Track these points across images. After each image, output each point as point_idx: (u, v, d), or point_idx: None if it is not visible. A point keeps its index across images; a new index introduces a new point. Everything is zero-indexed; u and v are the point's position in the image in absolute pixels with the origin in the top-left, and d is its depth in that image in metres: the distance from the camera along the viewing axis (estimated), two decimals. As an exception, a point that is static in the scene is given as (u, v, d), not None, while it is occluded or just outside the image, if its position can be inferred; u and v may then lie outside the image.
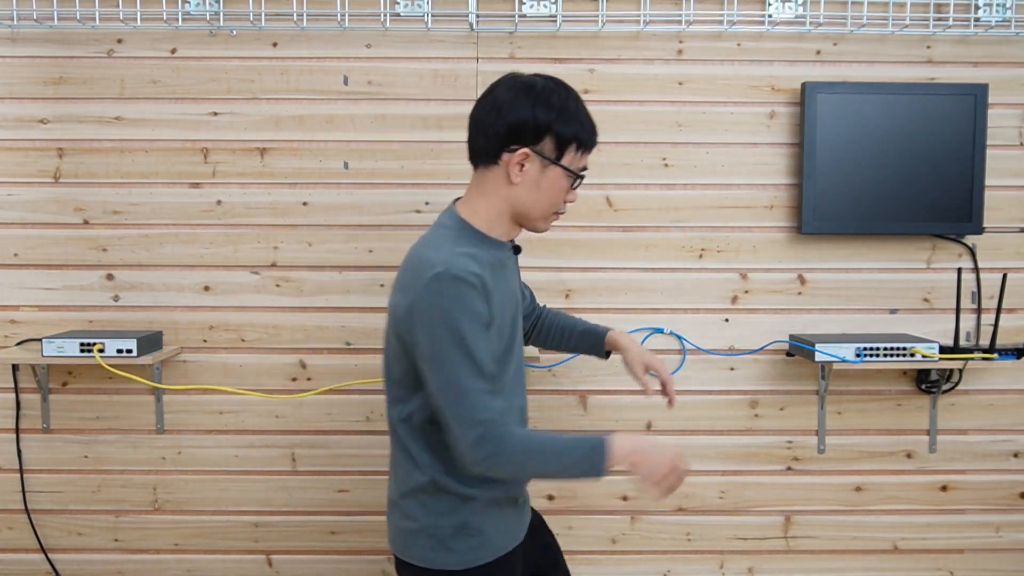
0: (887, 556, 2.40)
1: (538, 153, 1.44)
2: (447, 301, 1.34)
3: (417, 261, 1.40)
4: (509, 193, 1.47)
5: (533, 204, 1.48)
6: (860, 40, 2.29)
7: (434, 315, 1.34)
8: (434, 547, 1.47)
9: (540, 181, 1.46)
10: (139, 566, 2.38)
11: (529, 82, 1.46)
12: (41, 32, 2.27)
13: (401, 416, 1.48)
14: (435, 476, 1.46)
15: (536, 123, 1.43)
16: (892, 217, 2.25)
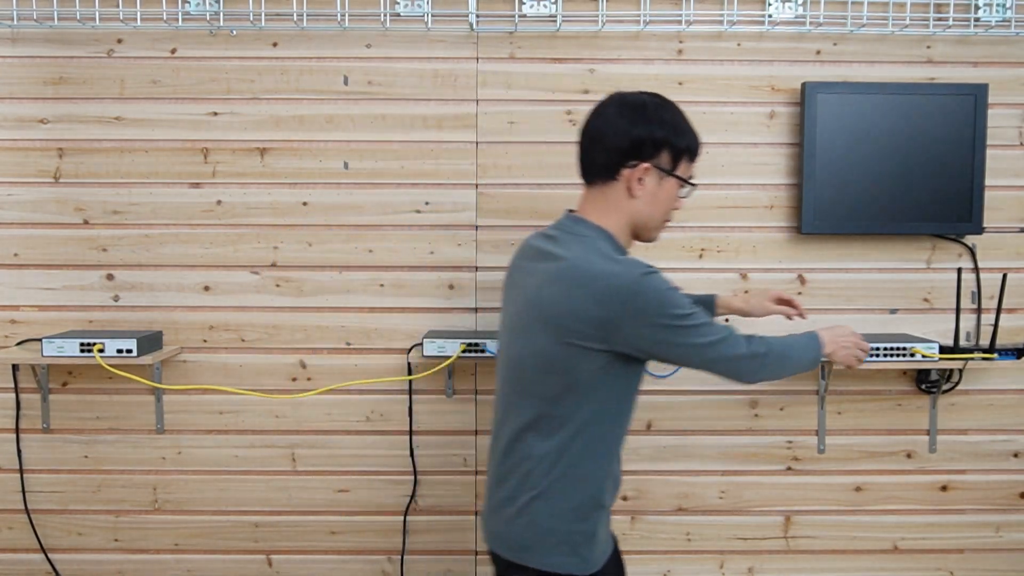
0: (887, 556, 2.40)
1: (656, 166, 1.54)
2: (660, 293, 1.46)
3: (601, 276, 1.46)
4: (630, 206, 1.56)
5: (651, 215, 1.58)
6: (860, 40, 2.29)
7: (657, 311, 1.45)
8: (565, 552, 1.52)
9: (658, 193, 1.56)
10: (139, 566, 2.39)
11: (640, 101, 1.56)
12: (41, 32, 2.27)
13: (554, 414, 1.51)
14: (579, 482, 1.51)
15: (654, 139, 1.53)
16: (892, 217, 2.25)
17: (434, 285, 2.32)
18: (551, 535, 1.51)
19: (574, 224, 1.57)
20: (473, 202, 2.31)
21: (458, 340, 2.14)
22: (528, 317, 1.52)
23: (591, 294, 1.45)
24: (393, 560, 2.38)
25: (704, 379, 2.34)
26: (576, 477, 1.52)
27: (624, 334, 1.46)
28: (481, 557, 2.39)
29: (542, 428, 1.52)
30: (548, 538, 1.51)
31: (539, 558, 1.52)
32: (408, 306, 2.32)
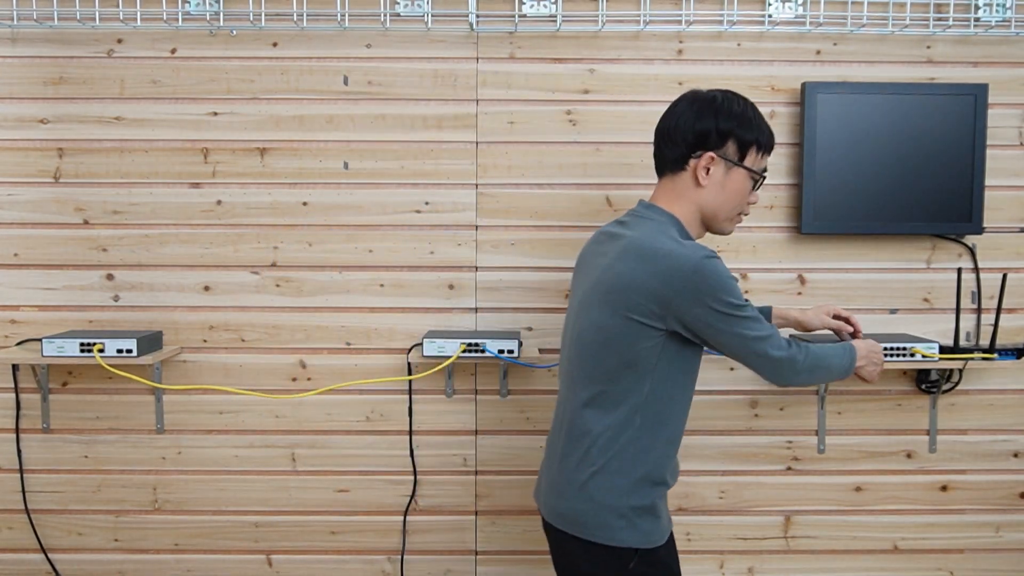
0: (887, 556, 2.40)
1: (722, 156, 1.61)
2: (720, 278, 1.51)
3: (667, 254, 1.52)
4: (697, 196, 1.63)
5: (720, 205, 1.64)
6: (860, 40, 2.29)
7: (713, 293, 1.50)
8: (623, 527, 1.57)
9: (725, 183, 1.62)
10: (139, 566, 2.39)
11: (710, 96, 1.63)
12: (41, 32, 2.27)
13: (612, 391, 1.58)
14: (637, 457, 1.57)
15: (719, 130, 1.60)
16: (892, 217, 2.25)
17: (434, 285, 2.32)
18: (611, 510, 1.57)
19: (645, 209, 1.65)
20: (473, 202, 2.31)
21: (458, 340, 2.14)
22: (594, 295, 1.60)
23: (653, 270, 1.52)
24: (393, 560, 2.38)
25: (704, 379, 2.34)
26: (635, 454, 1.58)
27: (679, 313, 1.52)
28: (481, 557, 2.39)
29: (601, 404, 1.58)
30: (608, 513, 1.57)
31: (600, 532, 1.58)
32: (408, 306, 2.32)
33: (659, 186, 1.68)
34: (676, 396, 1.60)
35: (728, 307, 1.52)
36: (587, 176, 2.30)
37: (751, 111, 1.63)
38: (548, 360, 2.32)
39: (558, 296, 2.32)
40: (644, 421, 1.57)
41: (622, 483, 1.57)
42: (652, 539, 1.59)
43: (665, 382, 1.58)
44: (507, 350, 2.14)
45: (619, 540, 1.57)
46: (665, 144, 1.65)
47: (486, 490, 2.37)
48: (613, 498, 1.57)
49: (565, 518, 1.62)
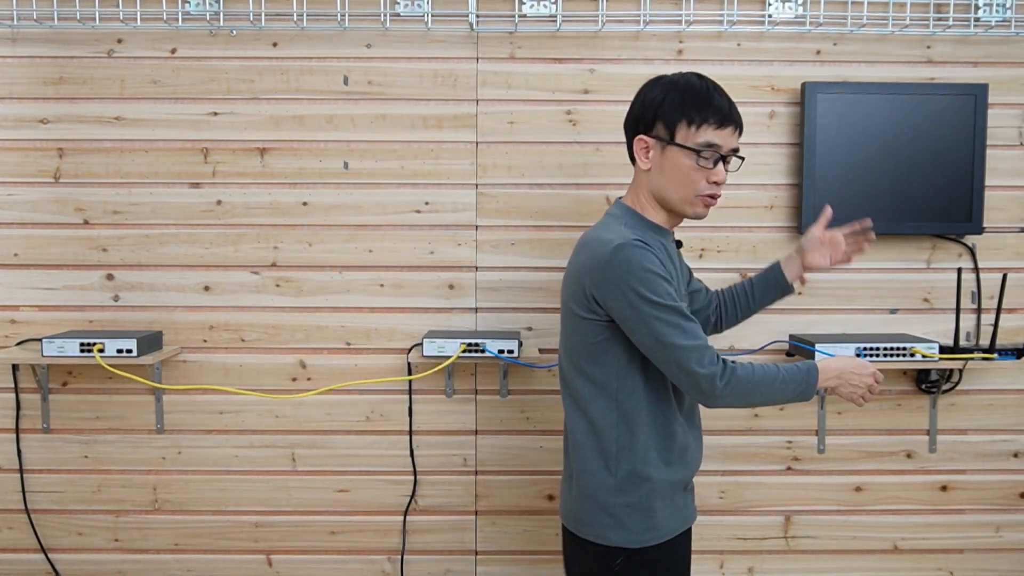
0: (887, 556, 2.40)
1: (654, 137, 1.58)
2: (631, 266, 1.46)
3: (593, 242, 1.54)
4: (645, 180, 1.62)
5: (664, 186, 1.59)
6: (860, 40, 2.29)
7: (624, 280, 1.46)
8: (611, 525, 1.56)
9: (663, 164, 1.58)
10: (139, 566, 2.39)
11: (649, 81, 1.63)
12: (41, 32, 2.27)
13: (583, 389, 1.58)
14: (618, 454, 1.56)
15: (643, 112, 1.59)
16: (892, 217, 2.25)
17: (434, 285, 2.32)
18: (601, 509, 1.57)
19: (612, 206, 1.67)
20: (473, 202, 2.31)
21: (458, 340, 2.14)
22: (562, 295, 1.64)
23: (580, 258, 1.55)
24: (393, 560, 2.38)
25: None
26: (617, 451, 1.56)
27: (600, 300, 1.51)
28: (481, 557, 2.39)
29: (581, 404, 1.59)
30: (599, 512, 1.57)
31: (592, 531, 1.58)
32: (408, 306, 2.32)
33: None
34: (644, 386, 1.56)
35: (641, 300, 1.46)
36: (587, 176, 2.30)
37: (681, 87, 1.57)
38: (548, 360, 2.32)
39: (558, 296, 2.32)
40: (620, 417, 1.56)
41: (608, 482, 1.56)
42: (641, 539, 1.55)
43: (629, 374, 1.55)
44: (507, 350, 2.14)
45: (606, 539, 1.56)
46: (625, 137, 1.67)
47: (486, 490, 2.37)
48: (602, 496, 1.56)
49: (566, 515, 1.65)
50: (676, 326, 1.46)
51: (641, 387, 1.56)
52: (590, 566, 1.60)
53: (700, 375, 1.46)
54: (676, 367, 1.48)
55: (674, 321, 1.46)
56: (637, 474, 1.55)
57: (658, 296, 1.46)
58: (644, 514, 1.56)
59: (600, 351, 1.55)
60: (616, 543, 1.55)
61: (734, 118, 1.58)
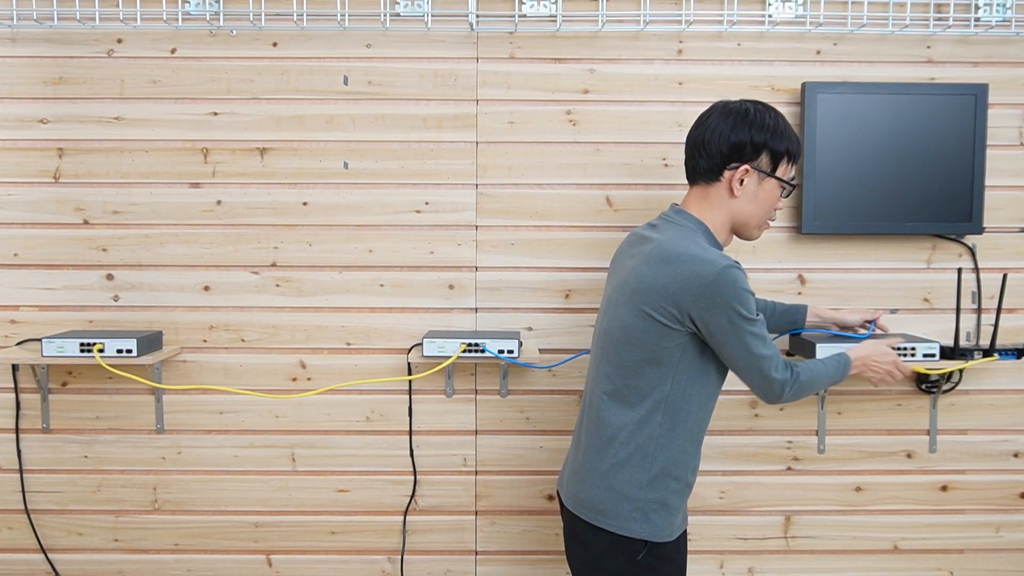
0: (887, 556, 2.40)
1: (756, 168, 1.67)
2: (736, 289, 1.56)
3: (689, 260, 1.59)
4: (731, 206, 1.70)
5: (752, 214, 1.71)
6: (860, 40, 2.29)
7: (727, 304, 1.56)
8: (637, 518, 1.63)
9: (758, 193, 1.69)
10: (139, 566, 2.39)
11: (743, 108, 1.68)
12: (41, 32, 2.27)
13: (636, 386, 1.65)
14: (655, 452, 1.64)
15: (754, 142, 1.66)
16: (892, 217, 2.25)
17: (434, 285, 2.32)
18: (628, 502, 1.64)
19: (675, 214, 1.72)
20: (473, 202, 2.31)
21: (458, 340, 2.14)
22: (621, 294, 1.67)
23: (675, 272, 1.59)
24: (393, 560, 2.38)
25: (704, 379, 2.34)
26: (655, 449, 1.64)
27: (695, 316, 1.58)
28: (481, 557, 2.39)
29: (625, 399, 1.66)
30: (624, 504, 1.64)
31: (615, 522, 1.64)
32: (408, 306, 2.32)
33: (691, 193, 1.74)
34: (696, 395, 1.65)
35: (740, 318, 1.58)
36: (587, 176, 2.30)
37: (782, 123, 1.68)
38: (548, 360, 2.32)
39: (558, 296, 2.32)
40: (665, 418, 1.64)
41: (641, 477, 1.64)
42: (663, 534, 1.65)
43: (686, 381, 1.64)
44: (507, 350, 2.14)
45: (631, 531, 1.63)
46: (699, 155, 1.70)
47: (486, 490, 2.37)
48: (631, 490, 1.64)
49: (583, 505, 1.69)
50: (761, 338, 1.61)
51: (693, 394, 1.65)
52: (610, 554, 1.65)
53: (775, 380, 1.63)
54: (758, 374, 1.63)
55: (760, 333, 1.61)
56: (669, 473, 1.65)
57: (752, 313, 1.59)
58: (667, 510, 1.65)
59: (667, 355, 1.62)
60: (640, 536, 1.63)
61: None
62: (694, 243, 1.62)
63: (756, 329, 1.60)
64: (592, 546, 1.68)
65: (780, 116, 1.69)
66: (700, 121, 1.72)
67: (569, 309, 2.32)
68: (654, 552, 1.64)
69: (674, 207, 1.74)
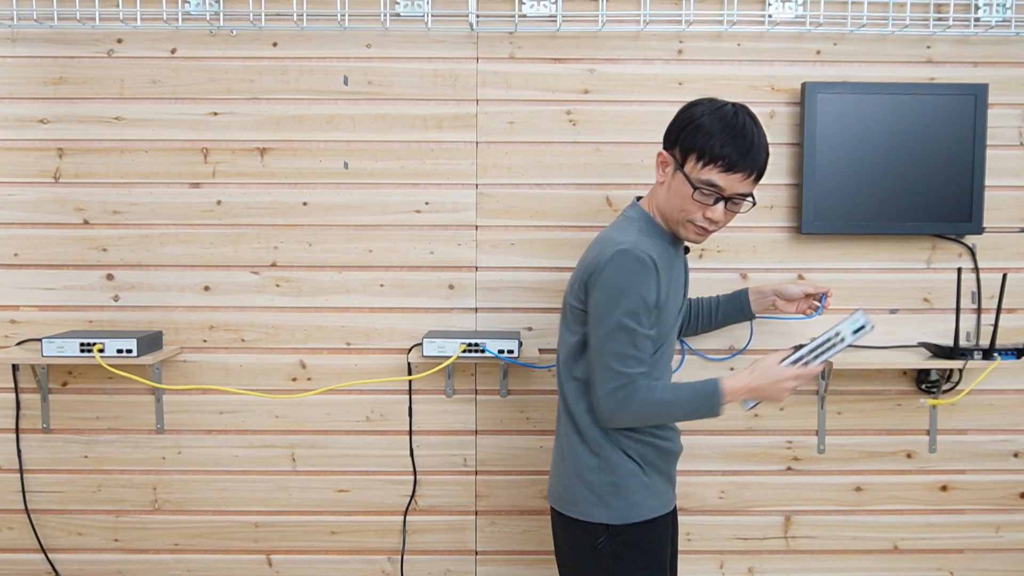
0: (887, 556, 2.40)
1: (671, 156, 1.64)
2: (625, 273, 1.54)
3: (604, 240, 1.62)
4: (655, 191, 1.70)
5: (667, 205, 1.66)
6: (860, 40, 2.29)
7: (611, 283, 1.55)
8: (595, 503, 1.65)
9: (671, 184, 1.65)
10: (139, 566, 2.39)
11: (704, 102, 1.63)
12: (41, 32, 2.27)
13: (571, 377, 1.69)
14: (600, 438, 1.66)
15: (673, 130, 1.64)
16: (892, 217, 2.25)
17: (434, 285, 2.32)
18: (584, 485, 1.66)
19: (630, 207, 1.74)
20: (473, 202, 2.31)
21: (458, 340, 2.14)
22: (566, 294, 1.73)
23: (589, 256, 1.63)
24: (393, 560, 2.38)
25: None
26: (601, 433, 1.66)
27: (589, 293, 1.60)
28: (481, 557, 2.39)
29: (568, 389, 1.70)
30: (581, 488, 1.67)
31: (577, 508, 1.68)
32: (408, 306, 2.32)
33: None
34: None
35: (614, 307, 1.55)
36: (587, 176, 2.30)
37: (710, 119, 1.57)
38: (548, 360, 2.31)
39: (558, 296, 2.32)
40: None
41: (592, 461, 1.66)
42: (621, 516, 1.64)
43: None
44: (507, 350, 2.14)
45: (590, 516, 1.65)
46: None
47: (486, 490, 2.37)
48: (586, 474, 1.66)
49: (552, 494, 1.74)
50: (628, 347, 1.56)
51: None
52: (576, 543, 1.68)
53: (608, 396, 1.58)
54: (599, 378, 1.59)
55: (626, 342, 1.56)
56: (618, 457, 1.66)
57: (629, 315, 1.55)
58: (622, 492, 1.65)
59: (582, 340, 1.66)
60: (600, 520, 1.64)
61: (746, 166, 1.58)
62: (619, 229, 1.65)
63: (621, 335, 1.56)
64: (564, 535, 1.72)
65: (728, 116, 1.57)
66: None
67: (569, 309, 2.32)
68: (616, 537, 1.64)
69: (634, 199, 1.77)
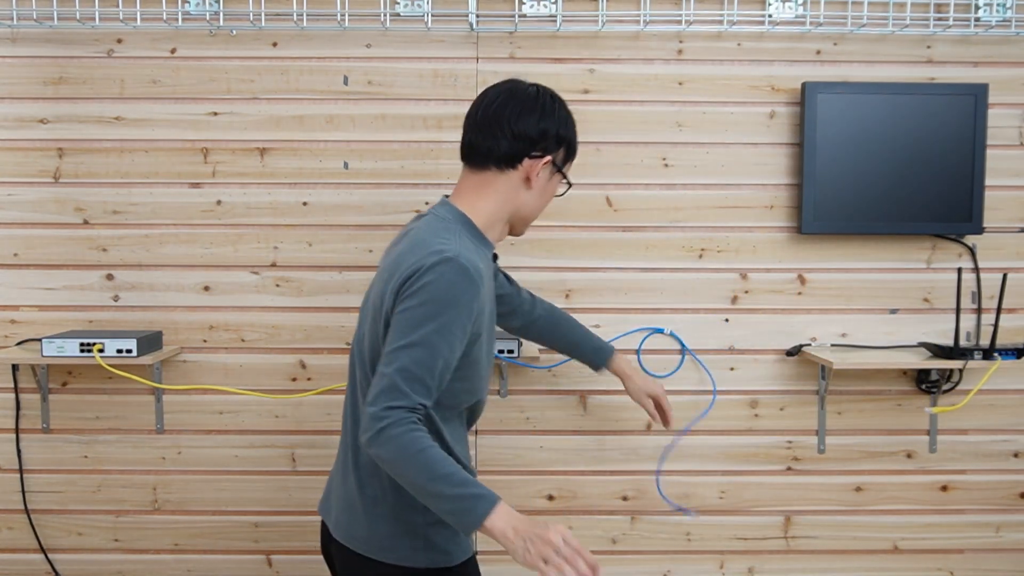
0: (887, 556, 2.40)
1: (554, 162, 1.53)
2: (447, 284, 1.34)
3: (421, 244, 1.40)
4: (520, 196, 1.52)
5: (535, 208, 1.56)
6: (860, 40, 2.29)
7: (428, 293, 1.34)
8: (421, 547, 1.47)
9: (546, 188, 1.55)
10: (139, 566, 2.38)
11: (545, 94, 1.53)
12: (41, 32, 2.27)
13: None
14: None
15: (558, 134, 1.51)
16: (892, 217, 2.25)
17: (434, 285, 2.32)
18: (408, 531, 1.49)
19: (440, 207, 1.53)
20: (473, 202, 2.31)
21: (458, 340, 2.14)
22: (369, 299, 1.50)
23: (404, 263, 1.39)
24: (393, 560, 2.38)
25: (704, 379, 2.34)
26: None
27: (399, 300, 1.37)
28: (481, 557, 2.38)
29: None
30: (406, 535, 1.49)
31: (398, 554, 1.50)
32: (408, 306, 2.32)
33: (468, 179, 1.53)
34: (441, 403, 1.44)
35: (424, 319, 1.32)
36: (587, 176, 2.30)
37: (567, 112, 1.55)
38: (548, 360, 2.31)
39: (558, 296, 2.32)
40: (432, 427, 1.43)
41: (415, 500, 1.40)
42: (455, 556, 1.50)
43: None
44: (507, 350, 2.14)
45: (415, 561, 1.46)
46: (498, 136, 1.48)
47: (486, 490, 2.37)
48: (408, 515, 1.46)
49: (357, 540, 1.51)
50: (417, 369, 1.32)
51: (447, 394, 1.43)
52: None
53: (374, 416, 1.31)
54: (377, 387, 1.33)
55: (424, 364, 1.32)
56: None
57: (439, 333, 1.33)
58: (455, 530, 1.47)
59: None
60: (427, 564, 1.46)
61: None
62: (439, 234, 1.41)
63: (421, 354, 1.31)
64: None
65: (563, 102, 1.55)
66: (492, 99, 1.52)
67: (569, 309, 2.32)
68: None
69: (443, 199, 1.54)
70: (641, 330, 2.33)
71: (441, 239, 1.40)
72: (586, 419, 2.35)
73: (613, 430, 2.35)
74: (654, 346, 2.33)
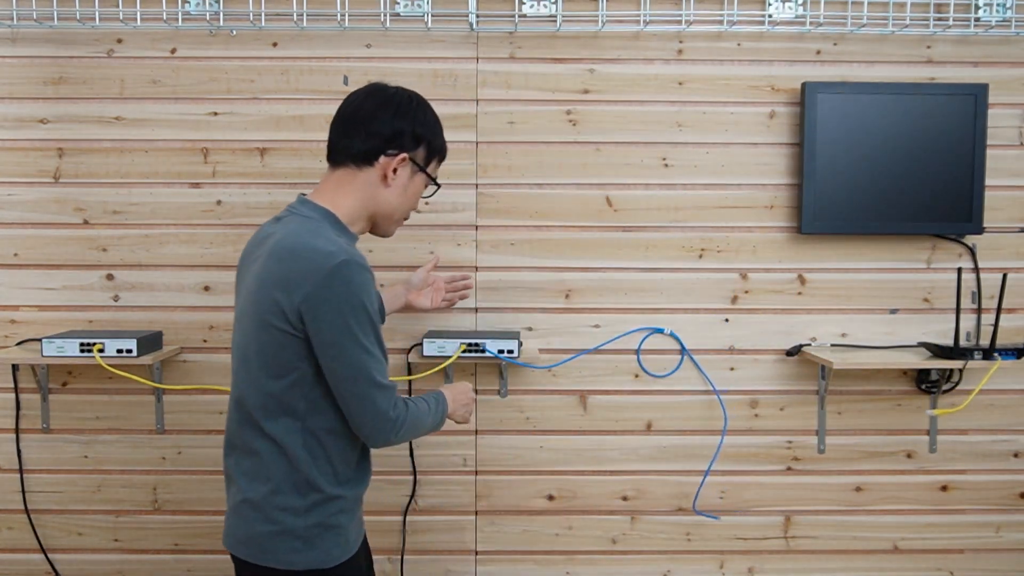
0: (887, 556, 2.40)
1: (412, 160, 1.58)
2: (356, 288, 1.42)
3: (308, 249, 1.43)
4: (378, 194, 1.58)
5: (397, 207, 1.61)
6: (860, 40, 2.29)
7: (342, 302, 1.41)
8: (299, 548, 1.48)
9: (408, 186, 1.60)
10: (139, 566, 2.38)
11: (405, 95, 1.59)
12: (41, 32, 2.27)
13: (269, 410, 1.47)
14: (309, 475, 1.48)
15: (415, 133, 1.57)
16: (892, 217, 2.25)
17: (434, 285, 2.32)
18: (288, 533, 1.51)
19: (300, 205, 1.55)
20: (473, 202, 2.31)
21: (458, 340, 2.14)
22: (249, 303, 1.49)
23: (291, 269, 1.42)
24: (393, 560, 2.38)
25: (704, 379, 2.34)
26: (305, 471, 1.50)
27: (310, 317, 1.41)
28: (481, 557, 2.39)
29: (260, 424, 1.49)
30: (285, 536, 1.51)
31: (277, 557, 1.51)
32: (408, 306, 2.32)
33: (330, 177, 1.58)
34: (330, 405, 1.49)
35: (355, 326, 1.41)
36: (587, 176, 2.30)
37: (438, 121, 1.62)
38: (548, 360, 2.31)
39: (558, 296, 2.32)
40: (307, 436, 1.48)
41: (297, 503, 1.48)
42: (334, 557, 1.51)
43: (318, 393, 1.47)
44: (507, 350, 2.14)
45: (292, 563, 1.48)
46: (355, 134, 1.54)
47: (486, 490, 2.37)
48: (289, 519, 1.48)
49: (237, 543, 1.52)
50: (379, 362, 1.46)
51: (330, 405, 1.48)
52: None
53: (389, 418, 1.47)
54: (370, 404, 1.45)
55: (379, 358, 1.46)
56: (328, 493, 1.50)
57: (371, 328, 1.44)
58: (336, 532, 1.52)
59: (289, 367, 1.44)
60: (306, 566, 1.48)
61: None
62: (316, 234, 1.45)
63: (372, 348, 1.44)
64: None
65: (437, 115, 1.62)
66: (355, 99, 1.58)
67: (569, 309, 2.32)
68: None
69: (300, 197, 1.57)
70: (641, 330, 2.33)
71: (322, 240, 1.45)
72: (586, 419, 2.35)
73: (613, 430, 2.35)
74: (654, 346, 2.33)
